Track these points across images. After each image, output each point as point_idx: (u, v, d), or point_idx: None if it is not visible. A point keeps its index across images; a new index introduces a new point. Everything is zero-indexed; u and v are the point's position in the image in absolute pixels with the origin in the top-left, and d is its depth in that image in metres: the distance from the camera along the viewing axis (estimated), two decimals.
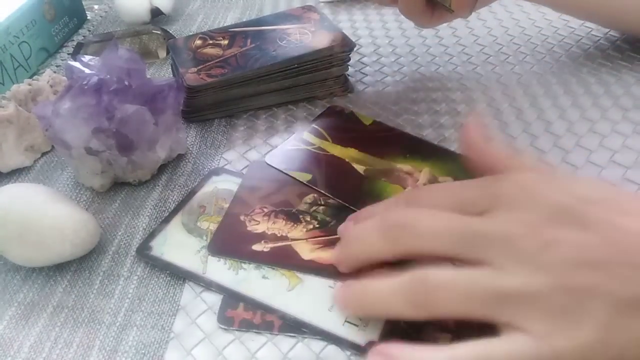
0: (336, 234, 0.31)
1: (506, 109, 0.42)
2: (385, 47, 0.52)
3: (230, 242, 0.32)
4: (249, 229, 0.33)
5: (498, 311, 0.22)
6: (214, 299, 0.30)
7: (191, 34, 0.50)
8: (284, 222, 0.33)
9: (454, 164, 0.36)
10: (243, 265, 0.31)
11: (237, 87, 0.41)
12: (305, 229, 0.33)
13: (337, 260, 0.29)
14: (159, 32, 0.51)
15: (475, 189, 0.26)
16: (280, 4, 0.62)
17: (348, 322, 0.28)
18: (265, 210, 0.34)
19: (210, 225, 0.33)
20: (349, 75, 0.47)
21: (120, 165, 0.36)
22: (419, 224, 0.25)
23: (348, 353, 0.27)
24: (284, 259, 0.31)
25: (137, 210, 0.36)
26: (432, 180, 0.35)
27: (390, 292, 0.25)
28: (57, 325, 0.29)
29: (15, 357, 0.28)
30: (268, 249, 0.32)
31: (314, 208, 0.34)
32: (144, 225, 0.35)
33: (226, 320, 0.28)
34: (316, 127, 0.41)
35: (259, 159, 0.39)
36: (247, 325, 0.28)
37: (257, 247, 0.32)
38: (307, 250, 0.31)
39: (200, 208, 0.34)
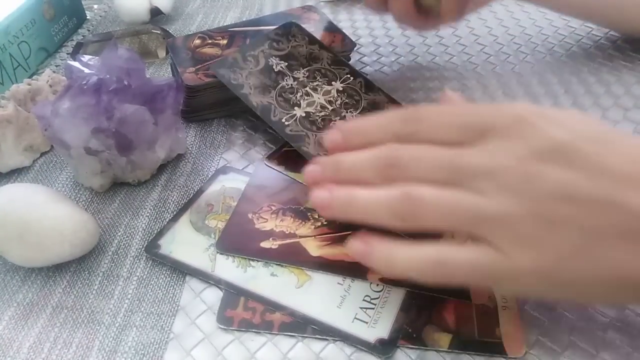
0: (344, 231, 0.32)
1: None
2: (385, 47, 0.52)
3: (239, 240, 0.32)
4: (257, 226, 0.33)
5: (474, 227, 0.24)
6: (214, 300, 0.29)
7: (191, 33, 0.49)
8: (292, 219, 0.33)
9: None
10: (251, 262, 0.31)
11: None
12: (313, 226, 0.33)
13: (318, 176, 0.29)
14: (158, 31, 0.51)
15: (473, 116, 0.27)
16: (280, 4, 0.61)
17: (357, 319, 0.28)
18: (273, 208, 0.34)
19: (218, 223, 0.33)
20: None
21: (119, 165, 0.35)
22: (411, 160, 0.26)
23: (350, 351, 0.27)
24: (292, 255, 0.31)
25: (137, 211, 0.35)
26: None
27: (377, 202, 0.26)
28: (56, 326, 0.29)
29: (14, 358, 0.28)
30: (276, 246, 0.32)
31: None
32: (143, 225, 0.34)
33: (226, 320, 0.28)
34: None
35: (261, 159, 0.39)
36: (246, 325, 0.28)
37: (265, 244, 0.32)
38: (315, 247, 0.31)
39: (208, 206, 0.35)
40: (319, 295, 0.29)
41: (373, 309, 0.28)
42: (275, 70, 0.40)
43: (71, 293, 0.31)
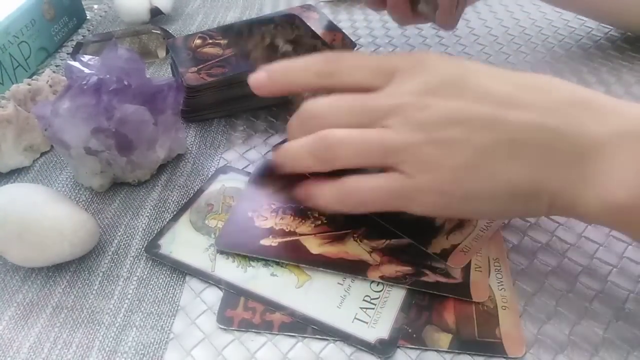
0: (343, 229, 0.32)
1: None
2: (385, 47, 0.52)
3: (239, 237, 0.32)
4: (256, 224, 0.33)
5: (384, 159, 0.28)
6: (214, 300, 0.29)
7: (191, 33, 0.49)
8: (292, 217, 0.33)
9: None
10: (251, 262, 0.31)
11: (237, 86, 0.41)
12: (313, 225, 0.33)
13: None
14: (158, 31, 0.51)
15: (384, 60, 0.31)
16: (280, 4, 0.62)
17: (357, 319, 0.28)
18: (273, 206, 0.34)
19: (218, 223, 0.33)
20: None
21: (119, 165, 0.35)
22: (326, 107, 0.30)
23: (350, 351, 0.27)
24: (292, 253, 0.31)
25: (137, 211, 0.35)
26: None
27: (299, 149, 0.30)
28: (56, 326, 0.29)
29: (14, 358, 0.28)
30: (276, 244, 0.32)
31: None
32: (143, 225, 0.34)
33: (226, 320, 0.28)
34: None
35: (262, 158, 0.39)
36: (246, 326, 0.28)
37: (265, 242, 0.32)
38: (315, 245, 0.31)
39: (208, 206, 0.35)
40: (319, 295, 0.29)
41: (373, 308, 0.28)
42: (281, 51, 0.40)
43: (71, 293, 0.31)
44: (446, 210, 0.28)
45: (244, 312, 0.29)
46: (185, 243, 0.32)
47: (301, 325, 0.28)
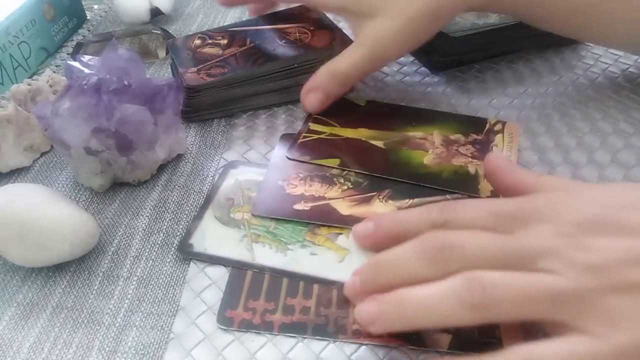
0: (369, 192, 0.34)
1: (505, 106, 0.42)
2: None
3: (273, 204, 0.34)
4: (287, 192, 0.35)
5: (554, 311, 0.22)
6: (214, 300, 0.29)
7: (191, 33, 0.49)
8: (319, 184, 0.35)
9: (457, 123, 0.40)
10: (289, 246, 0.32)
11: (237, 86, 0.41)
12: (340, 190, 0.35)
13: (358, 286, 0.27)
14: (158, 32, 0.51)
15: (506, 207, 0.26)
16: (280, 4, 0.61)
17: None
18: (301, 175, 0.36)
19: (244, 215, 0.34)
20: None
21: (119, 165, 0.35)
22: (465, 245, 0.24)
23: (350, 351, 0.27)
24: (324, 215, 0.33)
25: (137, 211, 0.35)
26: (446, 140, 0.39)
27: (441, 296, 0.23)
28: (56, 326, 0.29)
29: (14, 358, 0.28)
30: (309, 207, 0.34)
31: (346, 172, 0.36)
32: (143, 225, 0.34)
33: (226, 320, 0.28)
34: (318, 117, 0.41)
35: (281, 146, 0.39)
36: (246, 326, 0.28)
37: (297, 206, 0.34)
38: (345, 207, 0.34)
39: (228, 201, 0.35)
40: (361, 265, 0.29)
41: None
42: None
43: (71, 293, 0.31)
44: None
45: (244, 313, 0.29)
46: (218, 238, 0.33)
47: (301, 326, 0.28)
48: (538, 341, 0.22)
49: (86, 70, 0.35)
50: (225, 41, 0.45)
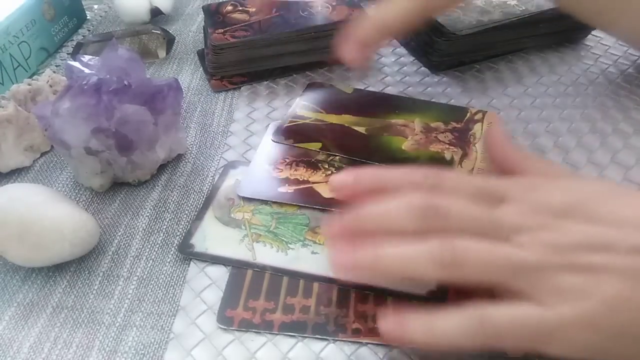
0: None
1: (505, 106, 0.42)
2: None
3: (258, 186, 0.36)
4: (273, 175, 0.37)
5: (513, 279, 0.24)
6: (214, 300, 0.30)
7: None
8: (304, 169, 0.37)
9: (439, 112, 0.42)
10: (290, 245, 0.32)
11: (256, 48, 0.46)
12: (324, 174, 0.36)
13: (346, 224, 0.28)
14: (158, 32, 0.51)
15: (489, 183, 0.28)
16: None
17: (404, 278, 0.29)
18: (287, 160, 0.38)
19: (244, 215, 0.34)
20: None
21: (119, 165, 0.35)
22: (451, 209, 0.26)
23: (350, 351, 0.27)
24: (307, 197, 0.35)
25: (137, 211, 0.36)
26: (426, 127, 0.40)
27: (417, 253, 0.25)
28: (56, 326, 0.29)
29: (14, 358, 0.28)
30: (292, 190, 0.35)
31: (330, 157, 0.38)
32: (143, 225, 0.34)
33: (226, 320, 0.28)
34: (305, 102, 0.43)
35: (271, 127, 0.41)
36: (246, 325, 0.28)
37: (282, 189, 0.35)
38: (327, 191, 0.35)
39: (228, 201, 0.35)
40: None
41: None
42: None
43: (71, 293, 0.31)
44: (592, 352, 0.23)
45: (244, 312, 0.29)
46: (218, 238, 0.33)
47: (301, 325, 0.28)
48: (493, 304, 0.24)
49: (86, 70, 0.35)
50: (254, 9, 0.49)
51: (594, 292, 0.23)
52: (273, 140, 0.40)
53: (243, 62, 0.46)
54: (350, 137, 0.39)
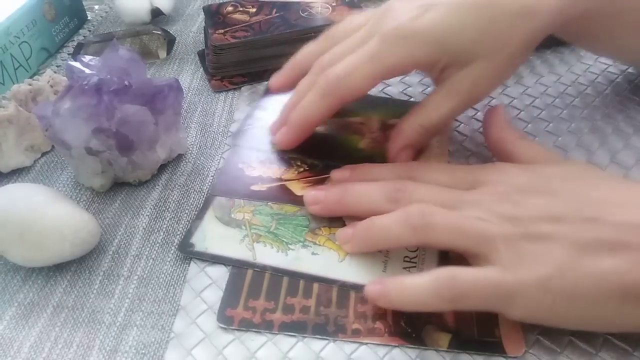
0: (324, 174, 0.36)
1: (505, 106, 0.42)
2: None
3: (231, 185, 0.36)
4: (247, 173, 0.37)
5: (478, 245, 0.27)
6: (214, 299, 0.30)
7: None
8: (277, 167, 0.37)
9: (396, 108, 0.41)
10: (290, 246, 0.32)
11: (257, 48, 0.46)
12: (296, 172, 0.37)
13: (330, 202, 0.33)
14: (159, 32, 0.51)
15: (461, 173, 0.32)
16: None
17: (405, 269, 0.30)
18: (261, 158, 0.38)
19: (244, 215, 0.34)
20: None
21: (120, 165, 0.36)
22: (417, 190, 0.31)
23: (350, 350, 0.27)
24: (279, 195, 0.35)
25: (137, 211, 0.36)
26: (384, 124, 0.40)
27: (394, 220, 0.29)
28: (57, 326, 0.29)
29: (15, 357, 0.28)
30: (265, 188, 0.36)
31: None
32: (144, 225, 0.34)
33: (226, 319, 0.28)
34: (265, 105, 0.43)
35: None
36: (246, 325, 0.28)
37: (255, 187, 0.36)
38: (299, 188, 0.36)
39: (229, 201, 0.35)
40: (362, 265, 0.31)
41: (415, 266, 0.30)
42: None
43: (72, 293, 0.31)
44: (549, 314, 0.26)
45: (244, 312, 0.29)
46: (219, 238, 0.33)
47: (301, 325, 0.28)
48: (461, 267, 0.27)
49: (87, 71, 0.35)
50: (254, 9, 0.50)
51: (548, 258, 0.26)
52: (233, 144, 0.40)
53: (243, 62, 0.47)
54: (310, 138, 0.37)
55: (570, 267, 0.25)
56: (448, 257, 0.30)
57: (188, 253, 0.32)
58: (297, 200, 0.34)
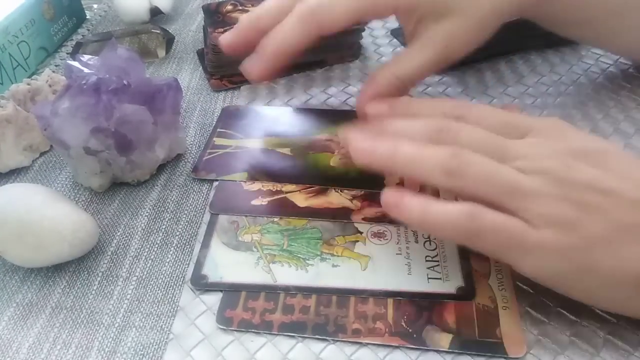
0: (326, 184, 0.35)
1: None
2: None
3: (231, 201, 0.35)
4: (245, 188, 0.35)
5: (510, 199, 0.25)
6: (213, 300, 0.29)
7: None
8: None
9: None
10: (308, 261, 0.31)
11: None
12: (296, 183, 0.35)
13: (371, 125, 0.31)
14: (158, 31, 0.51)
15: (515, 117, 0.30)
16: None
17: (431, 278, 0.30)
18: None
19: (252, 236, 0.32)
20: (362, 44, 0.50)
21: (119, 165, 0.35)
22: (461, 133, 0.28)
23: (351, 351, 0.27)
24: (282, 208, 0.34)
25: (136, 211, 0.35)
26: None
27: (425, 156, 0.27)
28: (55, 326, 0.29)
29: (13, 358, 0.28)
30: (266, 202, 0.34)
31: None
32: (142, 225, 0.34)
33: (225, 320, 0.28)
34: (222, 130, 0.41)
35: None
36: (246, 326, 0.28)
37: (255, 202, 0.34)
38: (301, 200, 0.34)
39: (232, 224, 0.33)
40: (386, 270, 0.30)
41: (438, 264, 0.30)
42: None
43: (70, 293, 0.31)
44: (559, 280, 0.26)
45: (244, 313, 0.29)
46: (231, 265, 0.31)
47: (301, 326, 0.28)
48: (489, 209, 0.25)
49: (85, 70, 0.35)
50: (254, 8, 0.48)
51: (581, 228, 0.24)
52: (193, 177, 0.37)
53: (242, 61, 0.46)
54: (276, 161, 0.37)
55: (600, 245, 0.24)
56: (468, 253, 0.30)
57: (203, 286, 0.30)
58: (302, 212, 0.33)
